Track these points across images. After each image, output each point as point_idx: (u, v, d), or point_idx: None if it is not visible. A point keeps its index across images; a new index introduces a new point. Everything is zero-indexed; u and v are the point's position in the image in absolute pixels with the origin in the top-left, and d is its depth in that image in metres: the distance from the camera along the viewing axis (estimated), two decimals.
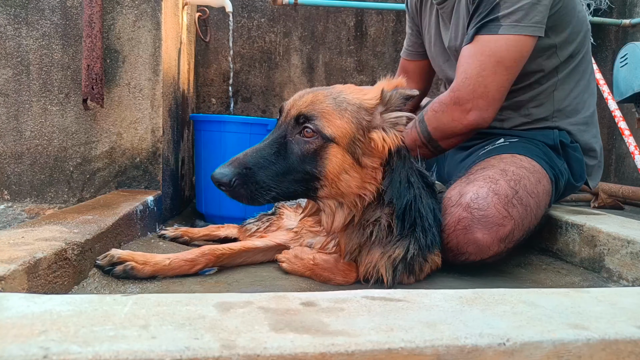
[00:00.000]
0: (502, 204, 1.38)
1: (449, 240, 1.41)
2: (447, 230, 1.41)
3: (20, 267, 0.97)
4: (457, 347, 0.61)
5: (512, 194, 1.40)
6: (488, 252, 1.39)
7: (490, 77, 1.54)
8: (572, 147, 1.74)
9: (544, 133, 1.73)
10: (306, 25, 3.46)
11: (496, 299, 0.78)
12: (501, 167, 1.49)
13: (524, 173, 1.48)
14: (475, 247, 1.37)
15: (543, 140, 1.70)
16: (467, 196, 1.39)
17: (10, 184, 2.14)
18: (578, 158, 1.75)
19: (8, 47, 2.11)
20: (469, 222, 1.36)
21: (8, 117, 2.11)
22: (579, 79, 1.78)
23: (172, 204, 2.38)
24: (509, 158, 1.55)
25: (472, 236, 1.36)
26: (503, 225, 1.36)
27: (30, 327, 0.59)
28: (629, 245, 1.32)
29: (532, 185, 1.47)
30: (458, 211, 1.39)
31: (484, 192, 1.38)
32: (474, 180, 1.45)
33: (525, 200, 1.42)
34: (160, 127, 2.16)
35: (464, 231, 1.37)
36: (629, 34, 3.64)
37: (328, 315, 0.68)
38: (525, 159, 1.55)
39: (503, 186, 1.41)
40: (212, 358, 0.56)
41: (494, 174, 1.45)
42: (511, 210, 1.38)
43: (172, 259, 1.33)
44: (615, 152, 3.80)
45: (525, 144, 1.65)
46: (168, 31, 2.25)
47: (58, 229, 1.30)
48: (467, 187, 1.43)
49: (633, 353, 0.66)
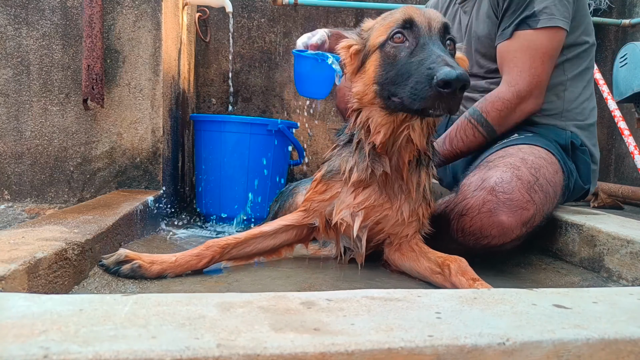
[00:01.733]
0: (525, 188, 1.40)
1: (473, 223, 1.42)
2: (471, 214, 1.42)
3: (21, 267, 0.97)
4: (456, 347, 0.62)
5: (533, 180, 1.43)
6: (511, 235, 1.41)
7: (540, 67, 1.67)
8: (581, 150, 1.78)
9: (557, 132, 1.76)
10: (306, 26, 3.46)
11: (496, 299, 0.78)
12: (520, 155, 1.52)
13: (543, 163, 1.52)
14: (499, 229, 1.39)
15: (555, 139, 1.73)
16: (491, 180, 1.41)
17: (10, 184, 2.14)
18: (586, 161, 1.79)
19: (8, 47, 2.11)
20: (495, 204, 1.38)
21: (8, 117, 2.12)
22: (585, 86, 1.85)
23: (172, 203, 2.38)
24: (527, 148, 1.58)
25: (497, 218, 1.38)
26: (527, 209, 1.39)
27: (30, 327, 0.59)
28: (629, 245, 1.32)
29: (551, 175, 1.51)
30: (482, 194, 1.41)
31: (508, 177, 1.41)
32: (495, 166, 1.48)
33: (545, 188, 1.46)
34: (161, 127, 2.16)
35: (489, 214, 1.39)
36: (629, 34, 3.64)
37: (328, 315, 0.68)
38: (542, 150, 1.59)
39: (525, 172, 1.44)
40: (212, 358, 0.56)
41: (515, 161, 1.48)
42: (533, 195, 1.41)
43: (178, 256, 1.33)
44: (615, 152, 3.80)
45: (540, 138, 1.69)
46: (168, 31, 2.25)
47: (58, 229, 1.30)
48: (489, 172, 1.45)
49: (633, 353, 0.66)
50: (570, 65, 1.80)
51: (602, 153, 3.77)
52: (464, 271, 1.25)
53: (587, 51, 1.82)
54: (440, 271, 1.31)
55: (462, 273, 1.24)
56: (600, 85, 2.81)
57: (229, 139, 2.44)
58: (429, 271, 1.36)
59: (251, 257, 1.50)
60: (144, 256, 1.30)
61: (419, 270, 1.40)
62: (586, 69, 1.84)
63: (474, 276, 1.22)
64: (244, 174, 2.46)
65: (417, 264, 1.41)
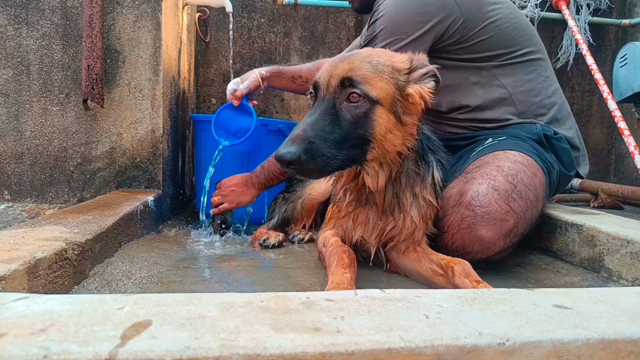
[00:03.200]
0: (503, 199, 1.39)
1: (454, 240, 1.41)
2: (452, 230, 1.41)
3: (21, 267, 0.97)
4: (456, 347, 0.62)
5: (511, 189, 1.41)
6: (494, 248, 1.39)
7: None
8: (556, 139, 1.76)
9: (527, 128, 1.74)
10: (306, 26, 3.46)
11: (496, 299, 0.78)
12: (496, 163, 1.50)
13: (519, 167, 1.49)
14: (480, 244, 1.38)
15: (528, 136, 1.71)
16: (467, 194, 1.40)
17: (10, 184, 2.14)
18: (564, 148, 1.76)
19: (8, 47, 2.11)
20: (473, 220, 1.37)
21: (8, 117, 2.12)
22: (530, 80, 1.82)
23: (172, 203, 2.38)
24: (502, 154, 1.56)
25: (476, 234, 1.37)
26: (506, 220, 1.37)
27: (30, 326, 0.59)
28: (629, 245, 1.32)
29: (529, 179, 1.48)
30: (460, 210, 1.40)
31: (483, 189, 1.39)
32: (472, 178, 1.46)
33: (525, 194, 1.44)
34: (161, 127, 2.16)
35: (469, 230, 1.38)
36: (629, 34, 3.64)
37: (328, 315, 0.68)
38: (517, 154, 1.56)
39: (501, 181, 1.42)
40: (212, 358, 0.56)
41: (491, 170, 1.47)
42: (512, 205, 1.39)
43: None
44: (615, 152, 3.80)
45: (514, 141, 1.66)
46: (168, 31, 2.25)
47: (58, 229, 1.30)
48: (466, 185, 1.44)
49: (632, 353, 0.66)
50: (501, 71, 1.78)
51: (602, 153, 3.80)
52: (467, 273, 1.24)
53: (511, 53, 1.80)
54: (443, 273, 1.31)
55: (465, 275, 1.24)
56: (600, 85, 2.81)
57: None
58: (431, 272, 1.36)
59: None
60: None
61: (421, 272, 1.40)
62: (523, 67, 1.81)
63: (477, 278, 1.22)
64: None
65: (418, 265, 1.41)
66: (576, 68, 3.71)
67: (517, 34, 1.81)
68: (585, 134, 3.75)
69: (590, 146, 3.77)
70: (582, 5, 3.53)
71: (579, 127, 1.97)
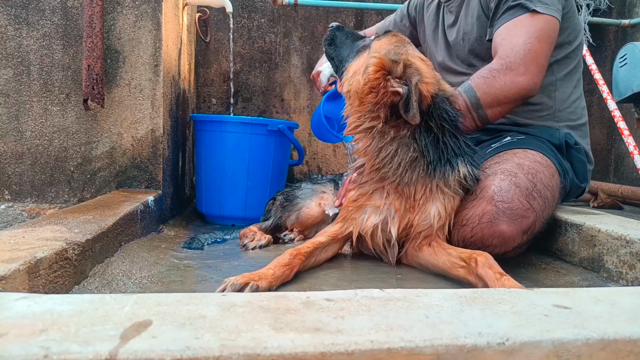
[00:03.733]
0: (524, 196, 1.40)
1: (474, 233, 1.41)
2: (471, 224, 1.42)
3: (21, 266, 0.97)
4: (456, 347, 0.62)
5: (531, 187, 1.42)
6: (512, 243, 1.40)
7: (537, 44, 1.58)
8: (575, 149, 1.77)
9: (550, 132, 1.75)
10: (306, 26, 3.46)
11: (496, 299, 0.78)
12: (516, 161, 1.51)
13: (539, 167, 1.50)
14: (500, 239, 1.39)
15: (549, 139, 1.72)
16: (489, 189, 1.41)
17: (11, 184, 2.14)
18: (581, 159, 1.78)
19: (9, 47, 2.11)
20: (494, 214, 1.38)
21: (9, 117, 2.12)
22: (575, 86, 1.84)
23: (172, 203, 2.39)
24: (522, 153, 1.57)
25: (497, 228, 1.38)
26: (526, 217, 1.39)
27: (31, 326, 0.59)
28: (628, 245, 1.32)
29: (547, 179, 1.50)
30: (482, 204, 1.40)
31: (506, 185, 1.40)
32: (493, 174, 1.46)
33: (544, 193, 1.45)
34: (161, 127, 2.16)
35: (489, 224, 1.38)
36: (629, 34, 3.64)
37: (328, 314, 0.68)
38: (537, 154, 1.57)
39: (522, 179, 1.43)
40: (213, 357, 0.56)
41: (512, 167, 1.47)
42: (533, 202, 1.40)
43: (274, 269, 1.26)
44: (615, 152, 3.80)
45: (533, 141, 1.67)
46: (168, 31, 2.25)
47: (59, 229, 1.30)
48: (487, 180, 1.44)
49: (632, 353, 0.66)
50: (559, 66, 1.79)
51: (602, 153, 3.80)
52: (490, 265, 1.24)
53: (574, 52, 1.82)
54: (465, 264, 1.31)
55: (489, 266, 1.24)
56: (600, 85, 2.81)
57: (229, 139, 2.44)
58: (449, 264, 1.36)
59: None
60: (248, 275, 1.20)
61: (438, 264, 1.40)
62: (575, 69, 1.84)
63: (500, 270, 1.21)
64: (244, 174, 2.46)
65: (434, 258, 1.41)
66: None
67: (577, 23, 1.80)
68: None
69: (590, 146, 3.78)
70: (582, 5, 3.53)
71: None
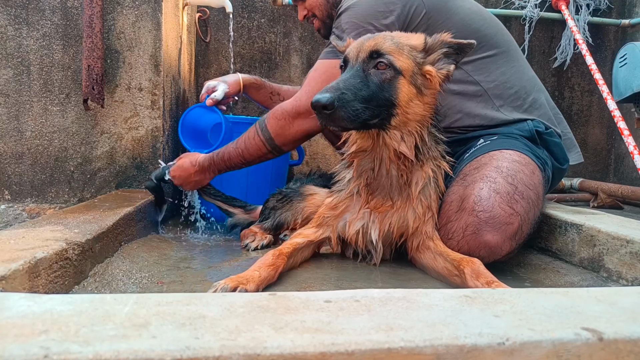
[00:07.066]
0: (506, 201, 1.38)
1: (460, 247, 1.40)
2: (456, 237, 1.40)
3: (21, 266, 0.97)
4: (456, 347, 0.62)
5: (512, 190, 1.40)
6: (500, 252, 1.38)
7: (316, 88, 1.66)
8: (547, 134, 1.73)
9: (519, 126, 1.71)
10: (306, 26, 3.46)
11: (496, 299, 0.78)
12: (494, 164, 1.49)
13: (518, 167, 1.48)
14: (487, 250, 1.37)
15: (520, 133, 1.69)
16: (469, 200, 1.39)
17: (11, 184, 2.14)
18: (556, 142, 1.74)
19: (9, 47, 2.11)
20: (477, 225, 1.36)
21: (9, 117, 2.12)
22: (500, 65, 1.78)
23: (172, 203, 2.38)
24: (498, 154, 1.54)
25: (482, 239, 1.36)
26: (511, 223, 1.37)
27: (31, 326, 0.59)
28: (628, 245, 1.32)
29: (528, 178, 1.47)
30: (464, 216, 1.39)
31: (485, 193, 1.38)
32: (472, 182, 1.45)
33: (526, 194, 1.43)
34: (161, 127, 2.16)
35: (474, 236, 1.37)
36: (628, 34, 3.64)
37: (328, 314, 0.68)
38: (513, 152, 1.55)
39: (502, 183, 1.41)
40: (213, 357, 0.56)
41: (490, 172, 1.45)
42: (515, 207, 1.38)
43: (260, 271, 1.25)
44: (615, 152, 3.80)
45: (507, 139, 1.64)
46: (168, 31, 2.25)
47: (59, 229, 1.30)
48: (467, 190, 1.43)
49: (632, 352, 0.66)
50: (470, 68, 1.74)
51: (602, 153, 3.80)
52: (478, 274, 1.23)
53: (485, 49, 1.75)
54: (457, 273, 1.31)
55: (476, 276, 1.23)
56: (600, 85, 2.81)
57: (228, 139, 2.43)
58: (447, 271, 1.36)
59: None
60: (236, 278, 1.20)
61: (438, 270, 1.40)
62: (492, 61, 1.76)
63: (488, 279, 1.21)
64: (243, 174, 2.45)
65: (435, 263, 1.42)
66: (576, 68, 3.71)
67: (484, 27, 1.78)
68: (584, 134, 3.76)
69: (589, 146, 3.78)
70: (582, 5, 3.53)
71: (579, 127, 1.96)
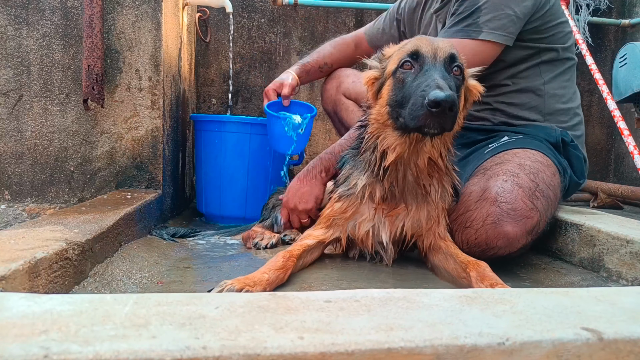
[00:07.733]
0: (527, 196, 1.40)
1: (478, 235, 1.42)
2: (475, 225, 1.42)
3: (21, 266, 0.97)
4: (456, 347, 0.62)
5: (534, 187, 1.43)
6: (517, 244, 1.41)
7: None
8: (572, 146, 1.77)
9: (546, 131, 1.75)
10: (306, 26, 3.46)
11: (496, 299, 0.78)
12: (517, 161, 1.51)
13: (540, 167, 1.51)
14: (505, 240, 1.39)
15: (546, 138, 1.72)
16: (492, 190, 1.41)
17: (11, 184, 2.14)
18: (578, 156, 1.78)
19: (9, 47, 2.11)
20: (498, 215, 1.38)
21: (9, 117, 2.12)
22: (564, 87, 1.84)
23: (172, 203, 2.38)
24: (522, 153, 1.57)
25: (502, 229, 1.38)
26: (530, 217, 1.39)
27: (31, 326, 0.59)
28: (628, 245, 1.32)
29: (549, 178, 1.51)
30: (485, 206, 1.41)
31: (509, 186, 1.41)
32: (494, 174, 1.47)
33: (546, 192, 1.46)
34: (161, 127, 2.16)
35: (494, 225, 1.39)
36: (628, 34, 3.64)
37: (328, 314, 0.68)
38: (537, 153, 1.58)
39: (525, 179, 1.44)
40: (213, 357, 0.56)
41: (513, 168, 1.48)
42: (536, 202, 1.41)
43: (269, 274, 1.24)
44: (615, 152, 3.80)
45: (532, 141, 1.68)
46: (168, 31, 2.25)
47: (59, 228, 1.30)
48: (489, 181, 1.45)
49: (632, 352, 0.66)
50: (547, 67, 1.79)
51: (602, 153, 3.80)
52: (483, 277, 1.24)
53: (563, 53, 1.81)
54: (465, 276, 1.32)
55: (481, 279, 1.24)
56: (600, 85, 2.81)
57: (228, 138, 2.43)
58: (456, 273, 1.37)
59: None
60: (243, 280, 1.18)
61: (449, 270, 1.41)
62: (564, 71, 1.84)
63: (492, 281, 1.22)
64: (244, 174, 2.46)
65: (446, 264, 1.43)
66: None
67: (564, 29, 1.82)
68: (584, 134, 3.75)
69: (589, 146, 3.77)
70: (582, 5, 3.53)
71: None
